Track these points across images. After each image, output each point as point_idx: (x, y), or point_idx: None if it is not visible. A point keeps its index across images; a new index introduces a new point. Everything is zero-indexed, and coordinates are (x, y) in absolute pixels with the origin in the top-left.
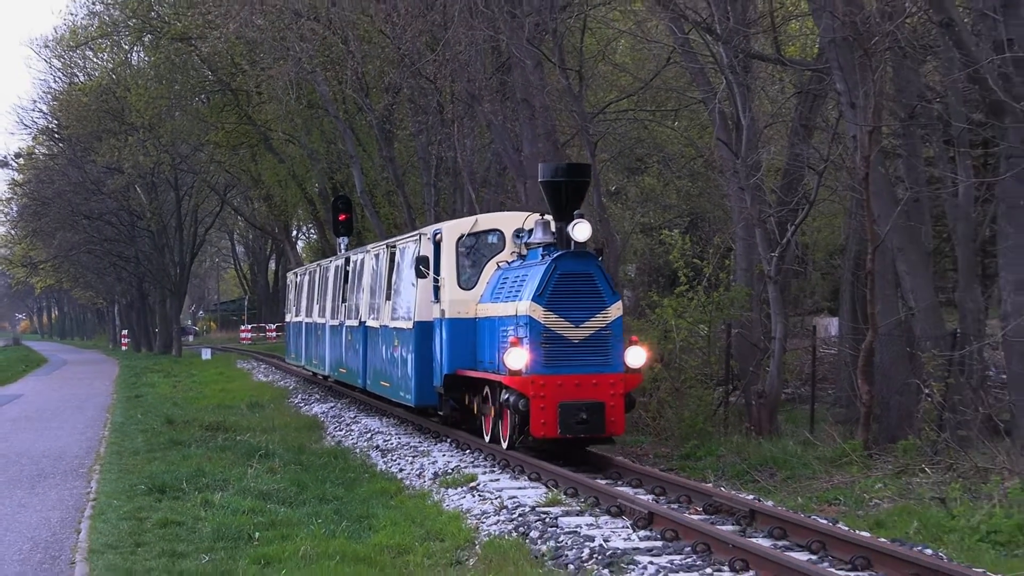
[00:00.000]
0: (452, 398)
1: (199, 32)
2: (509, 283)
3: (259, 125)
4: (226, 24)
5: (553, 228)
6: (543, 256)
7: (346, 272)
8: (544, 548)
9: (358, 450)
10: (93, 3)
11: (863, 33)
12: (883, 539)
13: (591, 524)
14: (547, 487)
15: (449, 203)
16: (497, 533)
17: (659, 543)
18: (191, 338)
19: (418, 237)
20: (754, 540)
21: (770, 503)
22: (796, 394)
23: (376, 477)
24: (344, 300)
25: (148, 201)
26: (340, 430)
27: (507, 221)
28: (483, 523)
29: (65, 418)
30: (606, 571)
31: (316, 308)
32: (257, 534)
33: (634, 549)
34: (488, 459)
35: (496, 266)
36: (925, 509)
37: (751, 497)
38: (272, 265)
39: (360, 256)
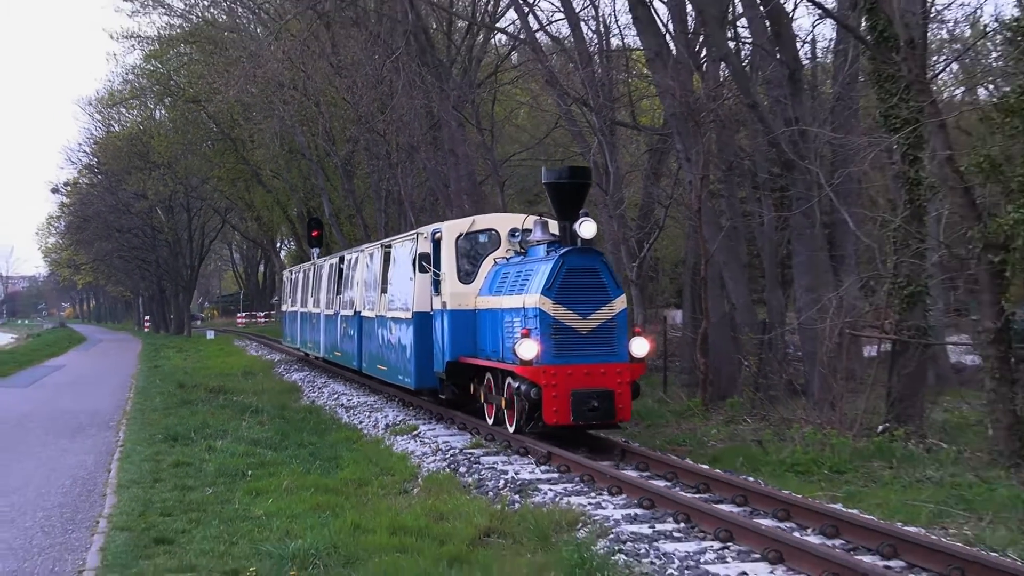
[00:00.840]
0: (453, 383)
1: (206, 96)
2: (511, 278)
3: (251, 165)
4: (227, 91)
5: (551, 228)
6: (548, 252)
7: (340, 269)
8: (470, 480)
9: (328, 408)
10: (126, 73)
11: (694, 109)
12: (718, 470)
13: (505, 462)
14: (471, 434)
15: (395, 224)
16: (434, 469)
17: (556, 475)
18: (198, 323)
19: (415, 236)
20: (625, 472)
21: (636, 444)
22: (654, 365)
23: (342, 428)
24: (339, 293)
25: (166, 219)
26: (313, 392)
27: (501, 222)
28: (423, 462)
29: (99, 383)
30: (517, 496)
31: (311, 300)
32: (250, 472)
33: (537, 480)
34: (426, 413)
35: (493, 262)
36: (747, 448)
37: (623, 440)
38: (261, 268)
39: (354, 255)
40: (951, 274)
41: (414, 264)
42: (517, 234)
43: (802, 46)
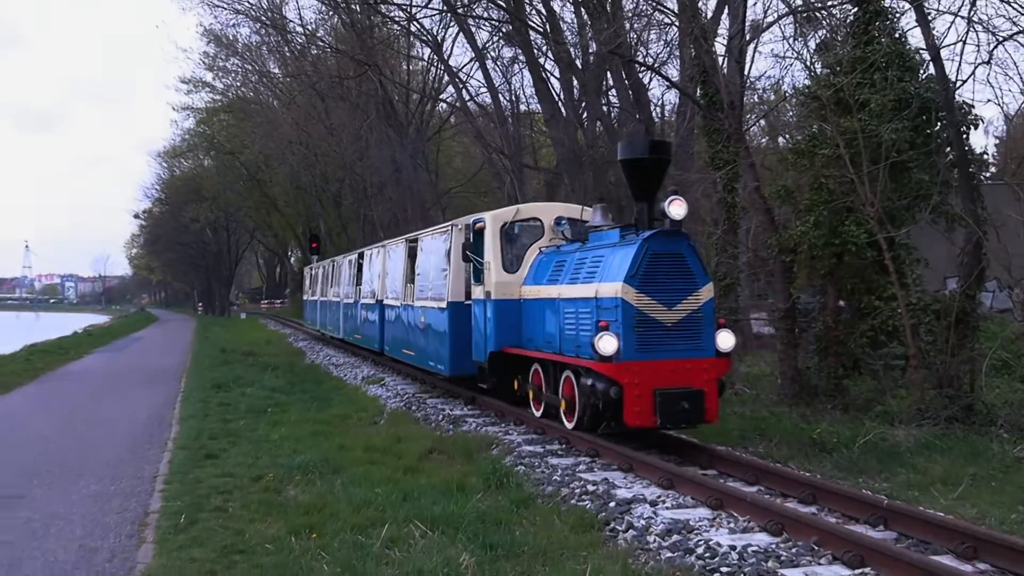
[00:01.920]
0: (495, 372)
1: (239, 149)
2: (570, 266)
3: (270, 197)
4: (253, 146)
5: (611, 215)
6: (623, 236)
7: (359, 264)
8: (419, 415)
9: (323, 365)
10: (184, 134)
11: (578, 155)
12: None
13: (443, 403)
14: (420, 383)
15: (369, 239)
16: (396, 407)
17: (477, 411)
18: (235, 307)
19: (449, 229)
20: (524, 412)
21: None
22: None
23: (332, 379)
24: (358, 284)
25: (212, 236)
26: (313, 355)
27: (545, 211)
28: (388, 403)
29: (167, 349)
30: (451, 425)
31: (331, 290)
32: (269, 409)
33: (465, 415)
34: (387, 369)
35: (539, 251)
36: None
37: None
38: (277, 269)
39: (372, 251)
40: (755, 270)
41: (448, 256)
42: (563, 223)
43: (655, 108)
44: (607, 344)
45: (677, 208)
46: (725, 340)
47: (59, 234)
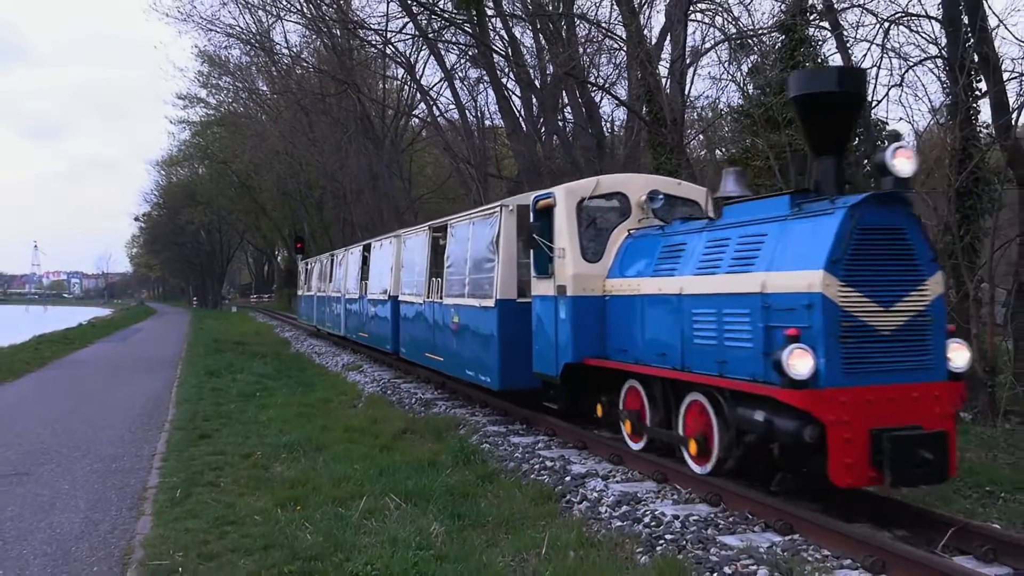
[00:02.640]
0: (569, 389)
1: (231, 159)
2: (697, 251)
3: (259, 203)
4: (244, 156)
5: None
6: (800, 206)
7: (365, 257)
8: (394, 399)
9: (307, 354)
10: (180, 144)
11: (536, 165)
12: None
13: (416, 388)
14: (394, 371)
15: (349, 240)
16: (373, 392)
17: (445, 395)
18: (226, 301)
19: (497, 210)
20: (492, 399)
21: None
22: None
23: (315, 366)
24: (364, 279)
25: (206, 237)
26: (299, 345)
27: (631, 184)
28: (366, 387)
29: (165, 339)
30: (423, 407)
31: (330, 285)
32: (258, 393)
33: (435, 399)
34: (365, 358)
35: (627, 234)
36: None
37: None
38: (265, 267)
39: (381, 243)
40: None
41: (495, 244)
42: (659, 198)
43: (605, 124)
44: (802, 363)
45: (905, 162)
46: (960, 356)
47: (65, 234)
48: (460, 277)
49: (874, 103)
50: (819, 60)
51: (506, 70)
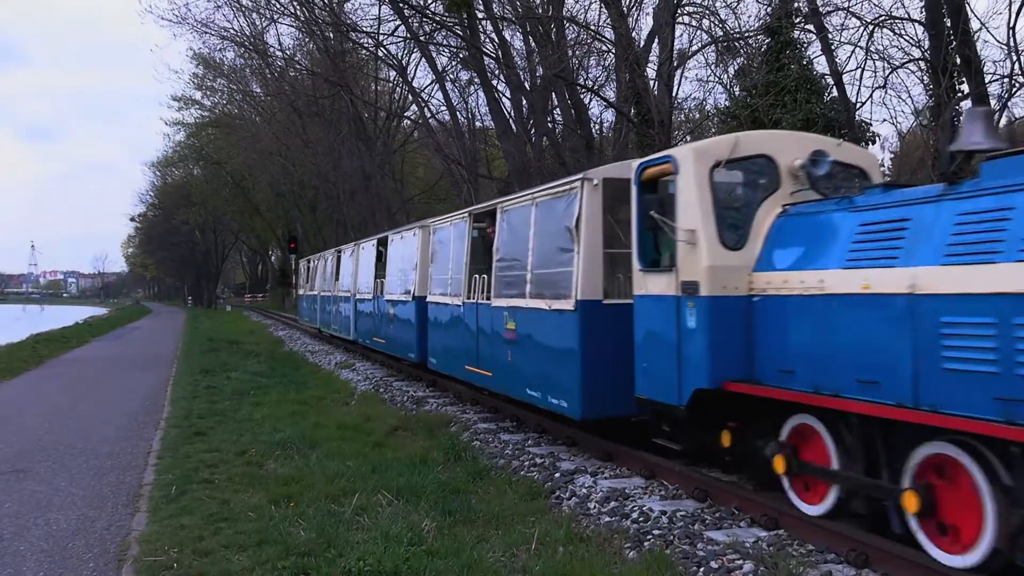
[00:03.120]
0: (697, 422)
1: (225, 160)
2: (939, 231)
3: (253, 203)
4: (238, 157)
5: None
6: None
7: (380, 252)
8: (386, 396)
9: (300, 353)
10: (175, 146)
11: (526, 166)
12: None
13: (408, 386)
14: (386, 368)
15: (342, 240)
16: (365, 390)
17: (437, 393)
18: (221, 300)
19: (578, 184)
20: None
21: None
22: None
23: (308, 365)
24: (380, 277)
25: (201, 237)
26: (292, 344)
27: (781, 144)
28: (358, 385)
29: (160, 338)
30: (414, 405)
31: (337, 284)
32: (252, 391)
33: (427, 397)
34: (358, 356)
35: (781, 211)
36: None
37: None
38: (260, 267)
39: (402, 235)
40: None
41: (574, 230)
42: (826, 162)
43: (594, 125)
44: None
45: None
46: None
47: (62, 235)
48: (519, 273)
49: (859, 104)
50: (804, 62)
51: (496, 72)
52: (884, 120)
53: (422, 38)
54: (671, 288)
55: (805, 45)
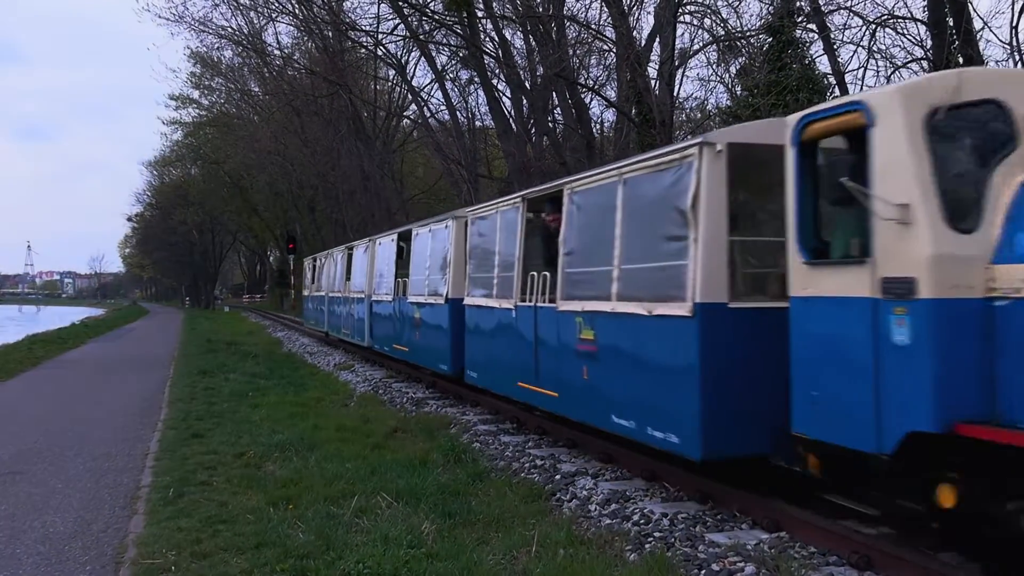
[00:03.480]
0: (907, 473)
1: (223, 160)
2: None
3: (251, 203)
4: (236, 157)
5: None
6: None
7: (401, 249)
8: (386, 398)
9: (299, 354)
10: (173, 145)
11: (527, 166)
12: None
13: (408, 387)
14: (386, 370)
15: (340, 240)
16: (364, 391)
17: (436, 394)
18: (219, 301)
19: (695, 151)
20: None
21: None
22: None
23: (307, 366)
24: (403, 276)
25: (198, 237)
26: (291, 344)
27: (1015, 87)
28: (357, 387)
29: (157, 339)
30: (414, 407)
31: (349, 284)
32: (250, 393)
33: (426, 398)
34: (357, 357)
35: None
36: None
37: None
38: (258, 267)
39: (430, 228)
40: None
41: (688, 212)
42: None
43: (595, 125)
44: None
45: None
46: None
47: (58, 235)
48: (599, 270)
49: None
50: (806, 62)
51: (497, 71)
52: None
53: (421, 37)
54: (863, 287)
55: (807, 44)
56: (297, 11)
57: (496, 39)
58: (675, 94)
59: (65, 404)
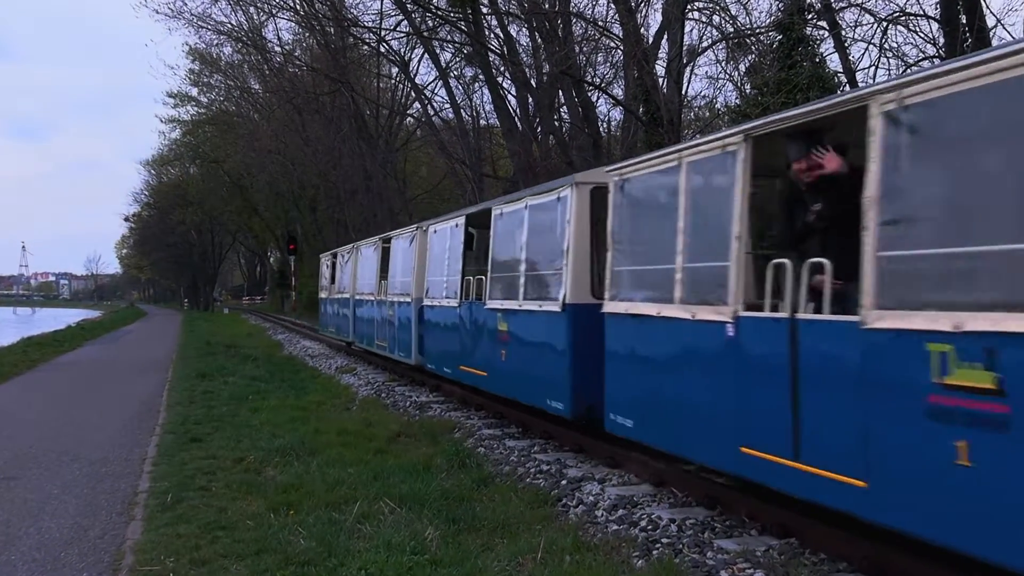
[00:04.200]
0: None
1: (223, 158)
2: None
3: (251, 203)
4: (236, 155)
5: None
6: None
7: (470, 237)
8: (388, 402)
9: (300, 357)
10: (171, 144)
11: (532, 165)
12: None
13: (410, 391)
14: (388, 373)
15: (343, 241)
16: (367, 395)
17: (440, 398)
18: (218, 303)
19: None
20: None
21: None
22: None
23: (308, 369)
24: (473, 273)
25: (197, 238)
26: (291, 347)
27: None
28: (360, 390)
29: (155, 341)
30: (417, 411)
31: (385, 286)
32: (250, 396)
33: (430, 402)
34: (359, 360)
35: None
36: None
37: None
38: (257, 268)
39: (522, 205)
40: None
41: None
42: None
43: (602, 124)
44: None
45: None
46: None
47: (54, 235)
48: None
49: None
50: (816, 60)
51: (502, 69)
52: None
53: (425, 33)
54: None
55: (817, 42)
56: (298, 7)
57: (501, 36)
58: (683, 92)
59: (61, 408)
